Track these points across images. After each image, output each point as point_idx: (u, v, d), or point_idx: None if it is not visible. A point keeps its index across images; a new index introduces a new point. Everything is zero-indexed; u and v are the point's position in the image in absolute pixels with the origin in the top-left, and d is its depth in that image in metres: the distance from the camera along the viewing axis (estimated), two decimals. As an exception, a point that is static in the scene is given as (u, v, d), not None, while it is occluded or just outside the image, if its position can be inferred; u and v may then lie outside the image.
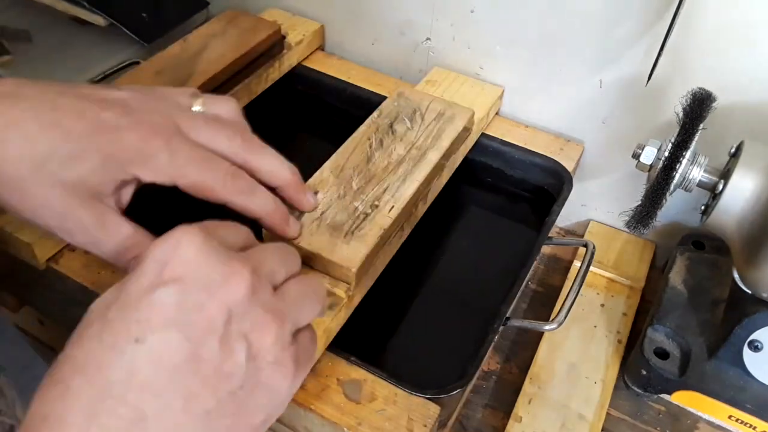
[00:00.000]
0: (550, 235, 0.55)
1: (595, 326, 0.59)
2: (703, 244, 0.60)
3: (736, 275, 0.48)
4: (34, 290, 0.55)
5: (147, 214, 0.38)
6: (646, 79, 0.52)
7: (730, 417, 0.51)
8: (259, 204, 0.38)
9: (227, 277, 0.28)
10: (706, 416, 0.53)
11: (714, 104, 0.45)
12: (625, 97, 0.58)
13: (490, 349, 0.52)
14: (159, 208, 0.44)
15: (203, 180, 0.35)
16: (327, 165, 0.49)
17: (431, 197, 0.53)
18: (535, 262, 0.64)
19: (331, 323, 0.42)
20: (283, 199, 0.41)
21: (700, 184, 0.47)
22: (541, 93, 0.62)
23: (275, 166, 0.39)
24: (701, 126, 0.44)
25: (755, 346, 0.48)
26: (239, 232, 0.32)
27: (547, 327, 0.50)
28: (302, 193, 0.43)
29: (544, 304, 0.62)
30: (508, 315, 0.49)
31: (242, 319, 0.28)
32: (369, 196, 0.46)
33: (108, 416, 0.25)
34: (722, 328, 0.50)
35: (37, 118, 0.33)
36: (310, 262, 0.44)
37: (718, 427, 0.53)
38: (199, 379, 0.26)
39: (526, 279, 0.58)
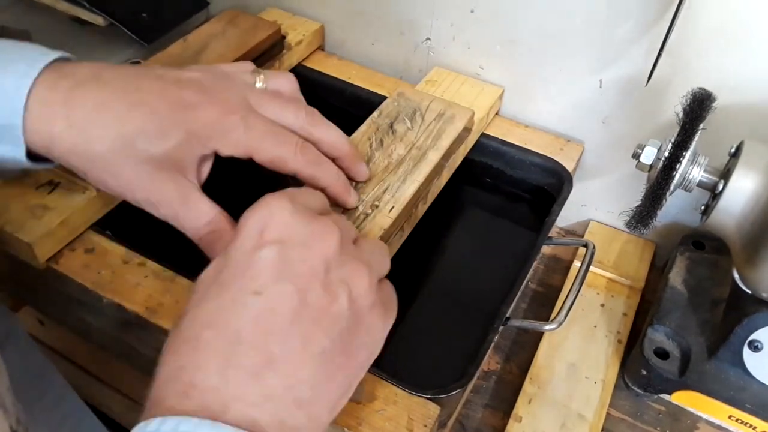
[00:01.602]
0: (550, 235, 0.55)
1: (595, 326, 0.59)
2: (703, 244, 0.60)
3: (736, 275, 0.48)
4: (34, 290, 0.55)
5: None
6: (646, 79, 0.52)
7: (730, 417, 0.51)
8: (326, 174, 0.41)
9: (320, 233, 0.31)
10: (706, 416, 0.53)
11: (714, 104, 0.45)
12: (625, 97, 0.58)
13: (490, 349, 0.52)
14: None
15: (277, 152, 0.38)
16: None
17: (431, 197, 0.53)
18: (535, 262, 0.64)
19: (331, 323, 0.42)
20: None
21: (700, 184, 0.47)
22: (541, 93, 0.62)
23: (336, 138, 0.42)
24: (701, 126, 0.44)
25: (755, 346, 0.48)
26: (317, 197, 0.36)
27: (547, 327, 0.50)
28: (359, 163, 0.45)
29: (544, 304, 0.62)
30: (508, 315, 0.49)
31: (339, 267, 0.31)
32: (369, 197, 0.47)
33: (242, 358, 0.28)
34: (722, 328, 0.50)
35: (124, 98, 0.36)
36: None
37: (718, 427, 0.53)
38: (312, 321, 0.29)
39: (526, 279, 0.58)
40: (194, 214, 0.37)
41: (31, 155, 0.38)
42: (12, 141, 0.36)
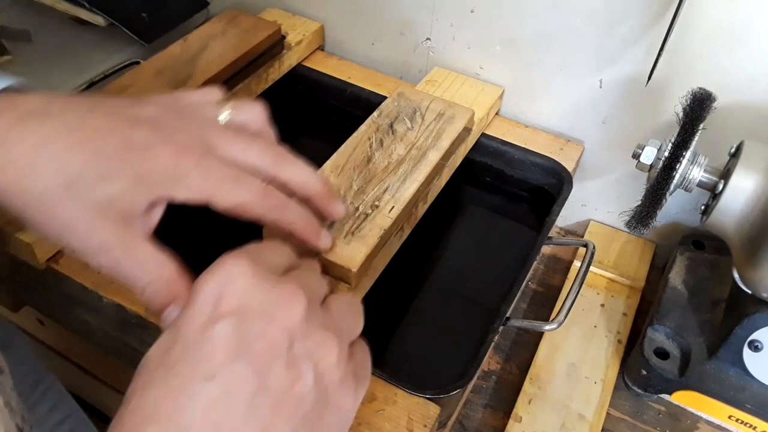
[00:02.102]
0: (550, 235, 0.55)
1: (595, 326, 0.59)
2: (703, 244, 0.60)
3: (736, 275, 0.48)
4: (34, 290, 0.55)
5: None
6: (646, 79, 0.52)
7: (730, 417, 0.51)
8: (292, 219, 0.38)
9: (283, 301, 0.28)
10: (706, 416, 0.53)
11: (714, 104, 0.45)
12: (625, 97, 0.58)
13: (490, 349, 0.52)
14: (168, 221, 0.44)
15: (236, 198, 0.35)
16: (327, 165, 0.49)
17: (431, 197, 0.53)
18: (535, 262, 0.64)
19: (331, 323, 0.42)
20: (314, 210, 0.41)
21: (700, 184, 0.47)
22: (541, 93, 0.62)
23: (306, 177, 0.39)
24: (701, 126, 0.44)
25: (755, 346, 0.48)
26: (282, 253, 0.32)
27: (547, 327, 0.50)
28: (332, 202, 0.42)
29: (544, 304, 0.62)
30: (508, 315, 0.49)
31: (304, 340, 0.28)
32: (369, 197, 0.47)
33: None
34: (722, 328, 0.50)
35: (67, 136, 0.33)
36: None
37: (718, 427, 0.53)
38: (272, 408, 0.26)
39: (526, 279, 0.58)
40: (137, 267, 0.33)
41: None
42: None
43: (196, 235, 0.55)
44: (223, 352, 0.26)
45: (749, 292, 0.47)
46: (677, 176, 0.45)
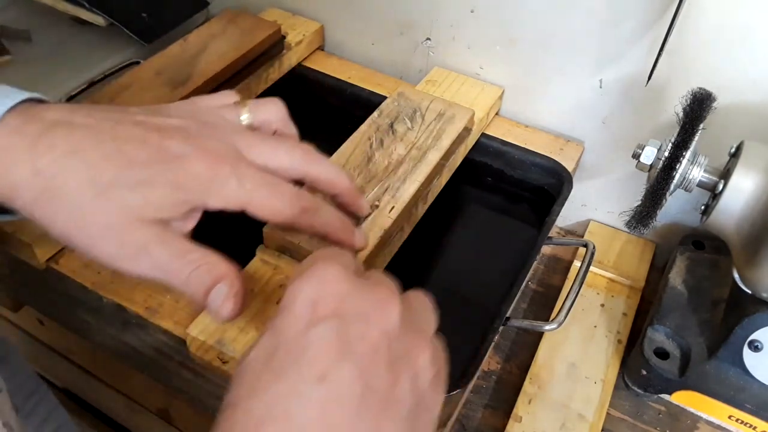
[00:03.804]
0: (550, 235, 0.55)
1: (595, 326, 0.59)
2: (703, 244, 0.60)
3: (736, 275, 0.48)
4: (34, 290, 0.55)
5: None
6: (646, 79, 0.52)
7: (730, 417, 0.51)
8: (326, 221, 0.38)
9: (379, 304, 0.28)
10: (706, 416, 0.53)
11: (714, 104, 0.45)
12: (625, 97, 0.58)
13: (490, 349, 0.52)
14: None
15: (271, 205, 0.35)
16: (328, 164, 0.49)
17: (431, 197, 0.53)
18: (535, 262, 0.64)
19: (331, 323, 0.42)
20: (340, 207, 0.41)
21: (700, 184, 0.47)
22: (541, 93, 0.62)
23: (334, 174, 0.39)
24: (701, 126, 0.44)
25: (755, 346, 0.48)
26: (350, 257, 0.32)
27: (547, 327, 0.50)
28: (359, 198, 0.43)
29: (544, 304, 0.62)
30: (508, 315, 0.49)
31: (399, 342, 0.28)
32: (369, 197, 0.47)
33: None
34: (722, 328, 0.50)
35: (98, 146, 0.32)
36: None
37: (718, 427, 0.53)
38: (379, 408, 0.26)
39: (526, 279, 0.58)
40: (179, 261, 0.32)
41: None
42: None
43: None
44: (328, 354, 0.26)
45: (749, 292, 0.47)
46: (677, 176, 0.45)
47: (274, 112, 0.40)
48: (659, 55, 0.50)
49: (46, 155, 0.32)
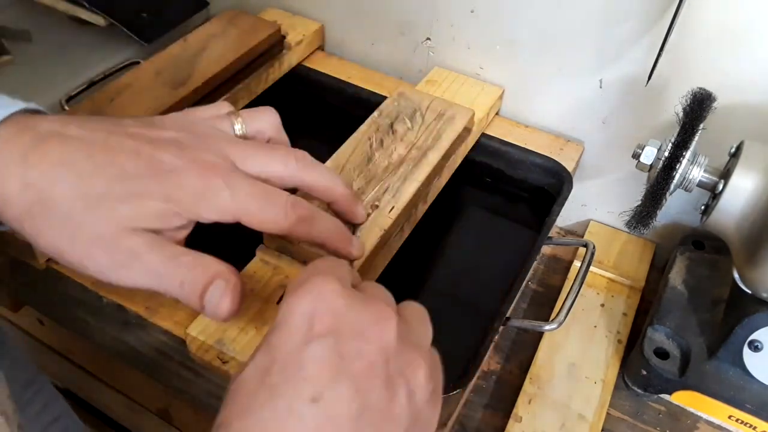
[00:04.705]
0: (550, 235, 0.55)
1: (595, 326, 0.59)
2: (703, 244, 0.60)
3: (736, 275, 0.48)
4: (34, 290, 0.55)
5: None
6: (646, 79, 0.52)
7: (730, 417, 0.51)
8: (322, 229, 0.38)
9: (375, 320, 0.28)
10: (706, 416, 0.53)
11: (714, 104, 0.45)
12: (625, 97, 0.58)
13: (490, 349, 0.52)
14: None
15: (266, 215, 0.35)
16: (327, 165, 0.49)
17: (431, 197, 0.53)
18: (535, 262, 0.64)
19: (331, 323, 0.42)
20: (336, 214, 0.41)
21: (700, 184, 0.47)
22: (541, 93, 0.62)
23: (329, 181, 0.39)
24: (701, 126, 0.44)
25: (755, 346, 0.48)
26: (347, 268, 0.32)
27: (547, 327, 0.50)
28: (356, 204, 0.42)
29: (544, 304, 0.62)
30: (508, 315, 0.49)
31: (396, 358, 0.28)
32: (369, 197, 0.47)
33: None
34: (722, 328, 0.50)
35: (90, 158, 0.32)
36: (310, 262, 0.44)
37: (718, 427, 0.53)
38: (376, 426, 0.26)
39: (526, 279, 0.58)
40: (171, 266, 0.32)
41: None
42: None
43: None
44: (324, 373, 0.26)
45: (749, 292, 0.47)
46: (677, 176, 0.45)
47: (267, 120, 0.40)
48: (659, 55, 0.50)
49: (37, 167, 0.31)
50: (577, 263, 0.64)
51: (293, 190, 0.38)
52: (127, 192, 0.32)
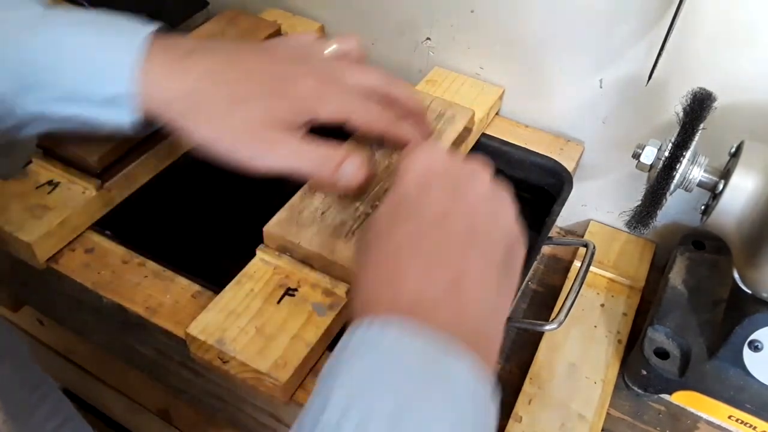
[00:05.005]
0: (550, 235, 0.55)
1: (595, 326, 0.59)
2: (703, 244, 0.60)
3: (736, 275, 0.48)
4: (34, 290, 0.55)
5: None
6: (646, 79, 0.52)
7: (730, 417, 0.51)
8: (407, 130, 0.45)
9: (477, 170, 0.36)
10: (706, 416, 0.53)
11: (714, 104, 0.45)
12: (625, 97, 0.58)
13: (490, 349, 0.52)
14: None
15: (369, 115, 0.43)
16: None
17: (431, 197, 0.53)
18: (535, 262, 0.64)
19: (332, 323, 0.42)
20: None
21: (700, 184, 0.47)
22: (541, 93, 0.62)
23: (410, 94, 0.47)
24: (701, 126, 0.44)
25: (755, 346, 0.48)
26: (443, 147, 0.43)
27: (547, 327, 0.50)
28: (428, 120, 0.50)
29: (544, 304, 0.62)
30: (508, 315, 0.49)
31: (492, 200, 0.36)
32: (369, 197, 0.46)
33: (440, 271, 0.31)
34: (722, 328, 0.50)
35: (232, 68, 0.41)
36: (310, 261, 0.44)
37: (718, 427, 0.53)
38: (487, 237, 0.34)
39: (526, 279, 0.58)
40: (308, 150, 0.41)
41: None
42: (123, 108, 0.40)
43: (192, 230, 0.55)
44: (446, 198, 0.34)
45: (749, 292, 0.47)
46: (677, 176, 0.45)
47: (353, 45, 0.47)
48: (659, 55, 0.50)
49: (191, 74, 0.40)
50: (577, 263, 0.64)
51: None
52: (263, 95, 0.40)
